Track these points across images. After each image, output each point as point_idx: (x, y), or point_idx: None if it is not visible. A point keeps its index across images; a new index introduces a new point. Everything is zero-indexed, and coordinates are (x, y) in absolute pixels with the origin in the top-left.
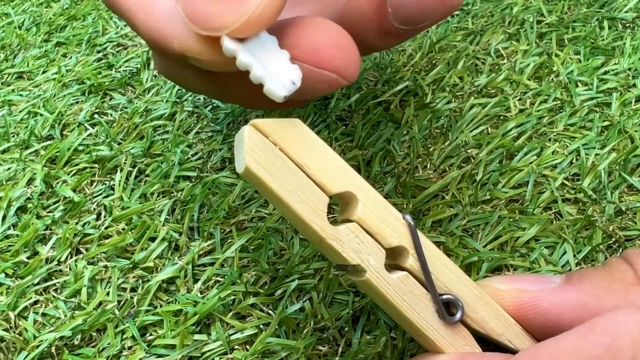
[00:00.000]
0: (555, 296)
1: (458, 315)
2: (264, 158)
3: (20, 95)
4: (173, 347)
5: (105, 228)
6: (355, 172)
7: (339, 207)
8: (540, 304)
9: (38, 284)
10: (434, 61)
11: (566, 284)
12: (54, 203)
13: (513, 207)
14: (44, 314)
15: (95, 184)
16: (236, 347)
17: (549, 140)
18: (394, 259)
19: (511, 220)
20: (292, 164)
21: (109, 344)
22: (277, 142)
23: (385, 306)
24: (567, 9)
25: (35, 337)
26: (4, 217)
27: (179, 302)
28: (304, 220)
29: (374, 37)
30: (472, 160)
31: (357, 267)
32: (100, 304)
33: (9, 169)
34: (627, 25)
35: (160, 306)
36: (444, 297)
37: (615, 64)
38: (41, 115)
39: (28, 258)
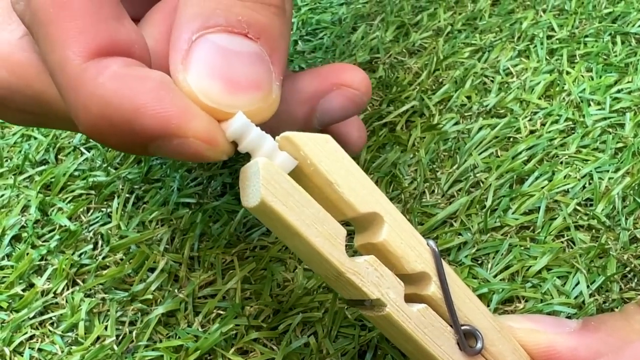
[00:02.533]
0: (570, 341)
1: (478, 346)
2: (281, 191)
3: None
4: None
5: (103, 258)
6: (381, 193)
7: (357, 229)
8: (554, 347)
9: (34, 317)
10: (440, 79)
11: (582, 329)
12: (49, 232)
13: (524, 234)
14: (40, 350)
15: (91, 211)
16: None
17: (561, 163)
18: (413, 285)
19: (522, 248)
20: (309, 196)
21: None
22: (309, 156)
23: (404, 341)
24: (579, 23)
25: None
26: None
27: (179, 337)
28: (323, 254)
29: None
30: (481, 185)
31: (376, 302)
32: (97, 338)
33: (2, 195)
34: None
35: (160, 341)
36: (464, 327)
37: (628, 81)
38: (35, 138)
39: (23, 290)
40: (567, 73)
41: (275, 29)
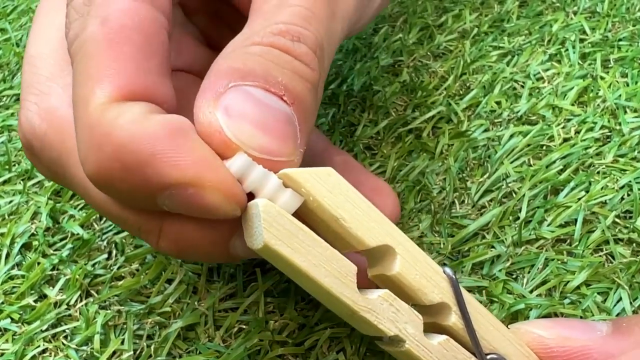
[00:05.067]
0: (604, 346)
1: None
2: (284, 232)
3: None
4: None
5: (118, 268)
6: (391, 223)
7: (370, 261)
8: (589, 355)
9: (46, 330)
10: (468, 84)
11: (615, 333)
12: (61, 240)
13: (560, 247)
14: None
15: (104, 219)
16: None
17: (597, 173)
18: (433, 316)
19: (559, 262)
20: (314, 234)
21: None
22: (311, 193)
23: None
24: (612, 26)
25: None
26: (8, 256)
27: (200, 352)
28: (334, 294)
29: None
30: (514, 195)
31: (395, 338)
32: (114, 353)
33: (11, 201)
34: None
35: (180, 356)
36: (490, 356)
37: None
38: None
39: (35, 301)
40: (602, 78)
41: (308, 103)
